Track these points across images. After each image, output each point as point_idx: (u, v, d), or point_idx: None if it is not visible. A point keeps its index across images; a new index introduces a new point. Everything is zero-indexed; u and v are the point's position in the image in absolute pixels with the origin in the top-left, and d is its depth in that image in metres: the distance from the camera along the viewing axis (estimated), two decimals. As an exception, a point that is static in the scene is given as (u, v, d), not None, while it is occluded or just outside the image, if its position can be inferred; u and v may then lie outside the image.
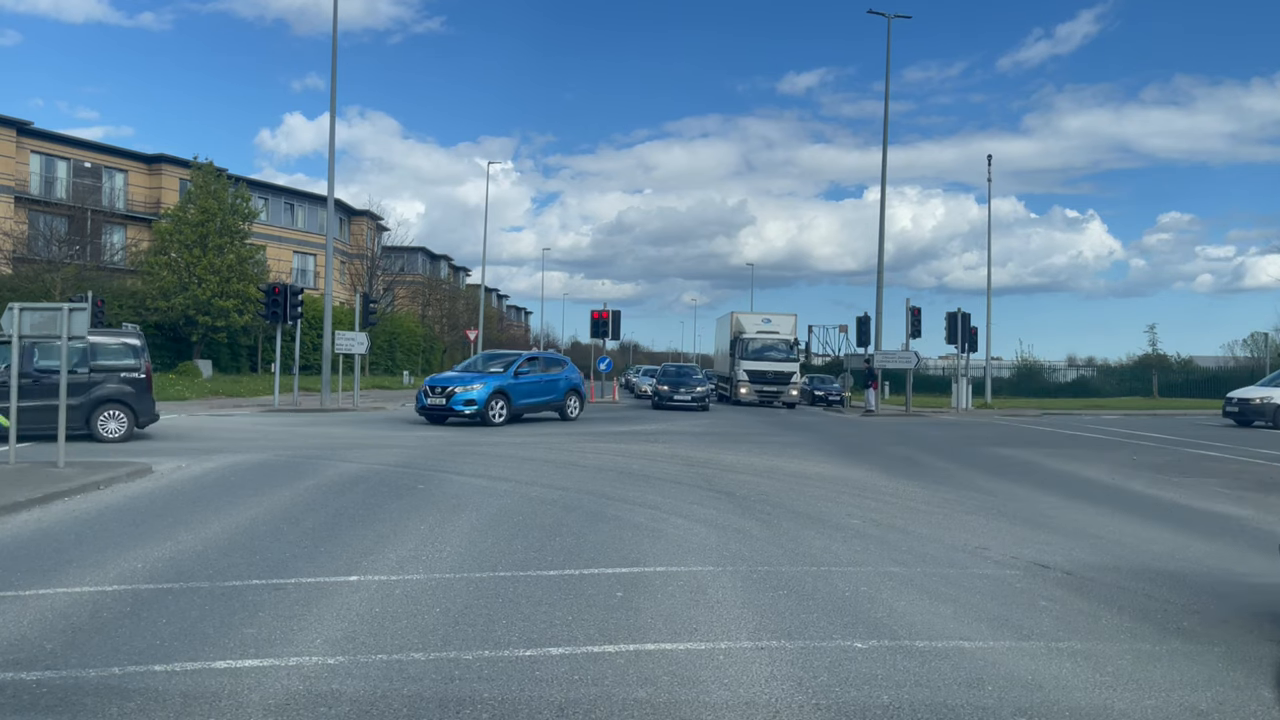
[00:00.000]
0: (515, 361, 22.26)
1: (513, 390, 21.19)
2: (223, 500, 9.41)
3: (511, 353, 24.02)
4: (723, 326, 42.44)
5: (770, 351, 36.42)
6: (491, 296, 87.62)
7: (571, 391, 23.41)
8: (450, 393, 20.57)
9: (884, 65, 36.08)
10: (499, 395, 20.72)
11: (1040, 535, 8.52)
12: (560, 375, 23.35)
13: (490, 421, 20.27)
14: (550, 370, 23.31)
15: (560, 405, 23.07)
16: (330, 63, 27.85)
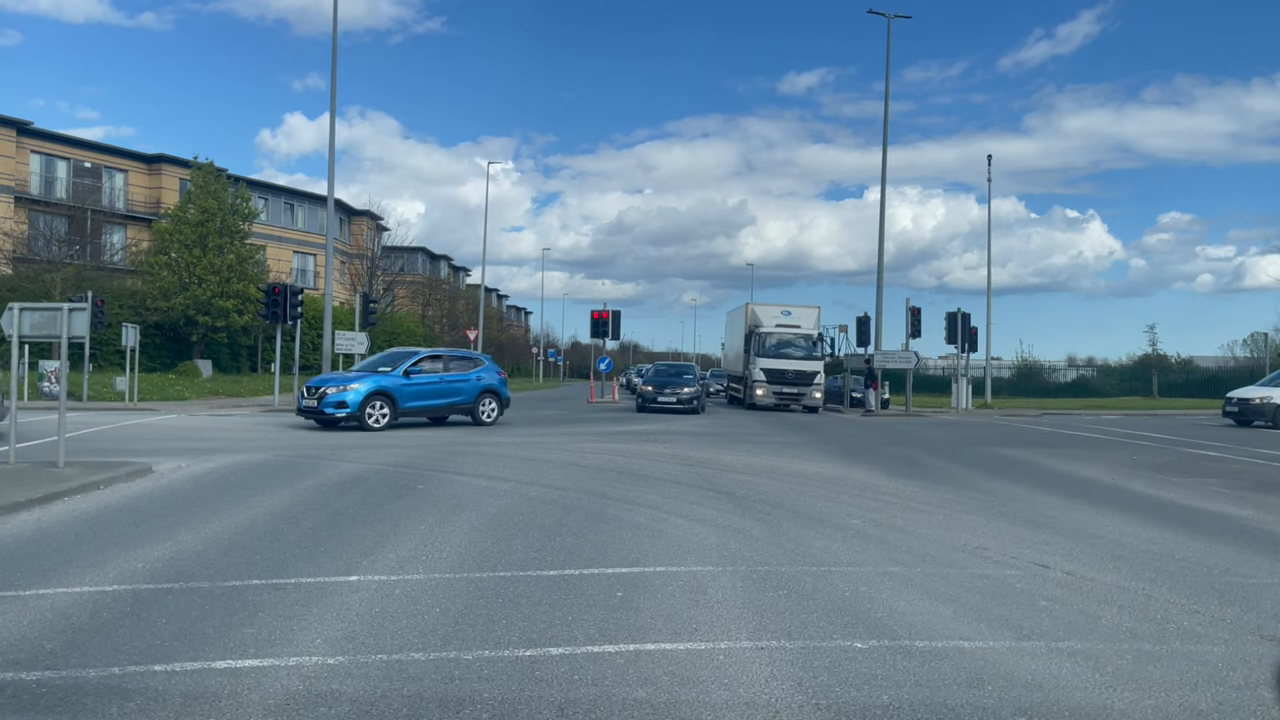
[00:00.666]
0: (408, 360, 20.22)
1: (400, 391, 19.30)
2: (223, 500, 9.41)
3: (410, 350, 21.85)
4: (735, 320, 37.91)
5: (790, 348, 32.10)
6: (491, 296, 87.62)
7: (486, 393, 21.17)
8: (322, 394, 18.83)
9: (884, 65, 36.08)
10: (379, 397, 18.89)
11: (1040, 535, 8.52)
12: (469, 375, 21.02)
13: (368, 426, 18.49)
14: (456, 369, 20.97)
15: (470, 408, 20.84)
16: (330, 62, 27.86)
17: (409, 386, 19.62)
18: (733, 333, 38.92)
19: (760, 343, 32.19)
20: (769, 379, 31.67)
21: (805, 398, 31.69)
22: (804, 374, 31.82)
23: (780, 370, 31.72)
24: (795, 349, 32.25)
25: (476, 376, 21.20)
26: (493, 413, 21.25)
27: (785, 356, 31.92)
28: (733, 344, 38.57)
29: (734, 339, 37.99)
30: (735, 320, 38.16)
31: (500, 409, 21.58)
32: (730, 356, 39.76)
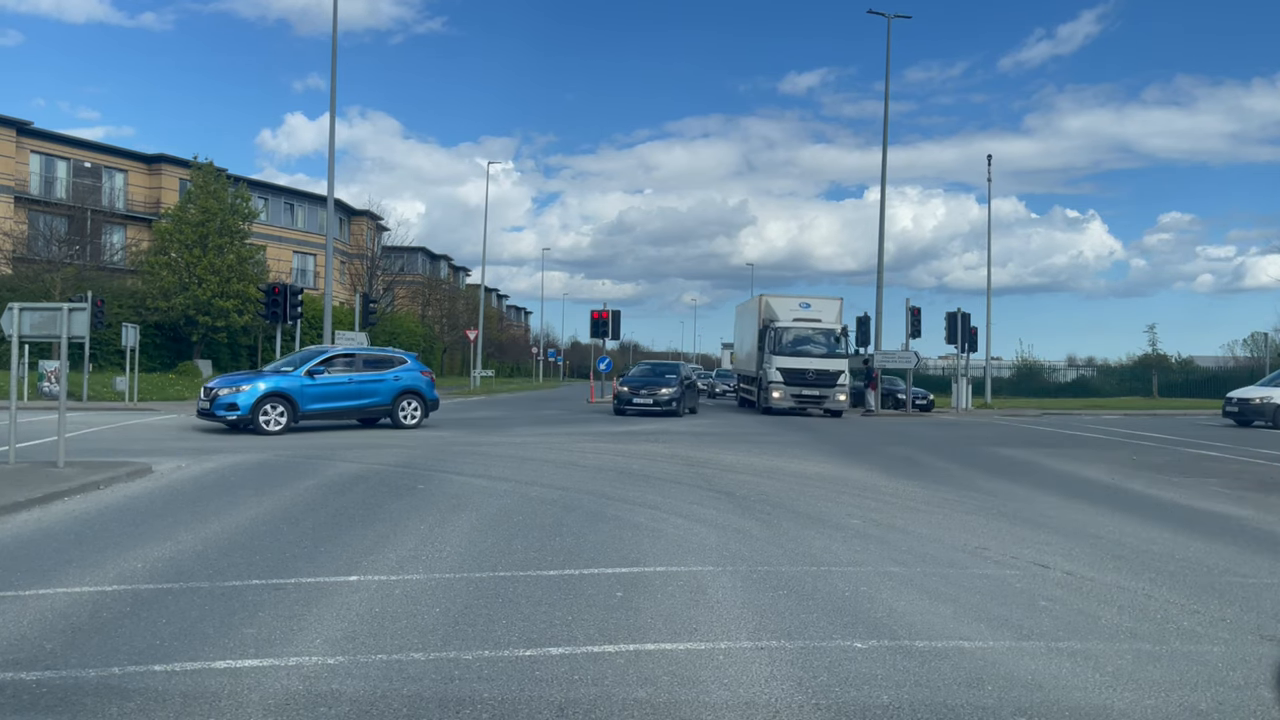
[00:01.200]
0: (314, 359, 18.94)
1: (300, 393, 17.99)
2: (223, 500, 9.41)
3: (320, 349, 20.68)
4: (746, 315, 34.20)
5: (810, 344, 28.55)
6: (491, 296, 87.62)
7: (406, 394, 19.65)
8: (214, 395, 17.76)
9: (885, 65, 36.06)
10: (275, 398, 17.62)
11: (1040, 535, 8.52)
12: (387, 376, 19.53)
13: (263, 429, 17.20)
14: (370, 370, 19.50)
15: (388, 410, 19.42)
16: (331, 62, 27.86)
17: (312, 387, 18.26)
18: (743, 329, 35.07)
19: (776, 339, 28.51)
20: (786, 380, 28.14)
21: (828, 400, 28.19)
22: (826, 374, 28.17)
23: (799, 370, 28.14)
24: (816, 346, 28.63)
25: (394, 377, 19.67)
26: (415, 415, 19.74)
27: (805, 354, 28.32)
28: (744, 341, 34.89)
29: (745, 336, 34.28)
30: (746, 315, 34.32)
31: (424, 411, 20.03)
32: (741, 355, 35.90)
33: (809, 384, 28.20)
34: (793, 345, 28.57)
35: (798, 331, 28.89)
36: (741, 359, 35.75)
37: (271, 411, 17.62)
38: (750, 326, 32.54)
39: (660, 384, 26.77)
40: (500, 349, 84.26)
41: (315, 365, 18.66)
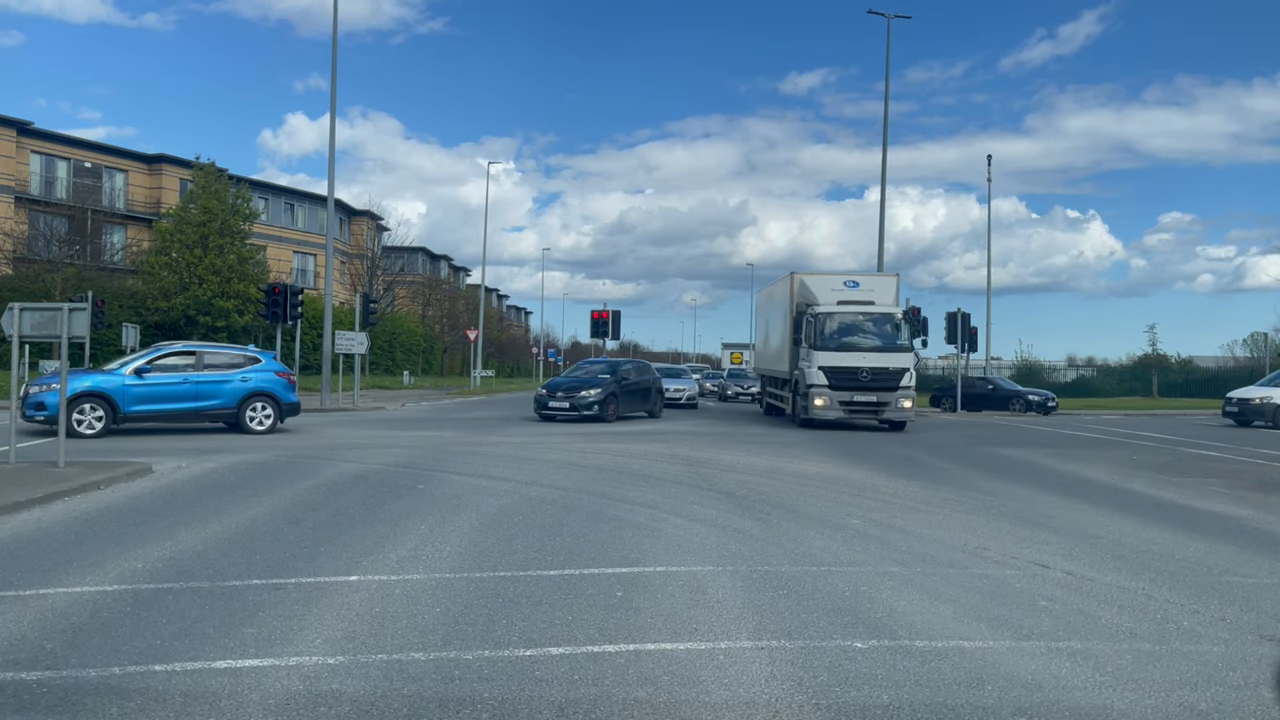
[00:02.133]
0: (146, 356, 17.32)
1: (122, 393, 16.37)
2: (223, 500, 9.41)
3: (158, 346, 18.67)
4: (774, 300, 27.89)
5: (862, 334, 22.05)
6: (491, 296, 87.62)
7: (256, 397, 17.78)
8: (26, 394, 16.35)
9: (885, 65, 36.03)
10: (92, 398, 16.07)
11: (1040, 535, 8.52)
12: (233, 376, 17.69)
13: (76, 433, 15.38)
14: (214, 369, 17.61)
15: (233, 414, 17.58)
16: (331, 61, 27.87)
17: (136, 387, 16.55)
18: (769, 319, 28.80)
19: (817, 329, 21.93)
20: (833, 381, 21.68)
21: (888, 408, 21.75)
22: (884, 373, 21.70)
23: (849, 369, 21.64)
24: (869, 336, 22.09)
25: (242, 378, 17.78)
26: (266, 420, 17.82)
27: (855, 347, 21.87)
28: (769, 335, 28.40)
29: (771, 327, 27.89)
30: (773, 301, 27.94)
31: (279, 415, 18.06)
32: (767, 352, 29.09)
33: (862, 386, 21.76)
34: (839, 336, 21.99)
35: (845, 318, 22.17)
36: (767, 356, 28.83)
37: (86, 413, 15.97)
38: (778, 315, 26.08)
39: (588, 385, 23.36)
40: (500, 349, 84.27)
41: (143, 363, 16.94)
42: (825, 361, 21.78)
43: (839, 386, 21.72)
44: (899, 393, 21.84)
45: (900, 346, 22.19)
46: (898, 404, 21.84)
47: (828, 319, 22.06)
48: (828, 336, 21.91)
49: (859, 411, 22.04)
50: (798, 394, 23.10)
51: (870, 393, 21.77)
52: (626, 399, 24.35)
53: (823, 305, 22.51)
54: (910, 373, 22.19)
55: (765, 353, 29.80)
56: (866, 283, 23.71)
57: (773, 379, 28.07)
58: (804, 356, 22.52)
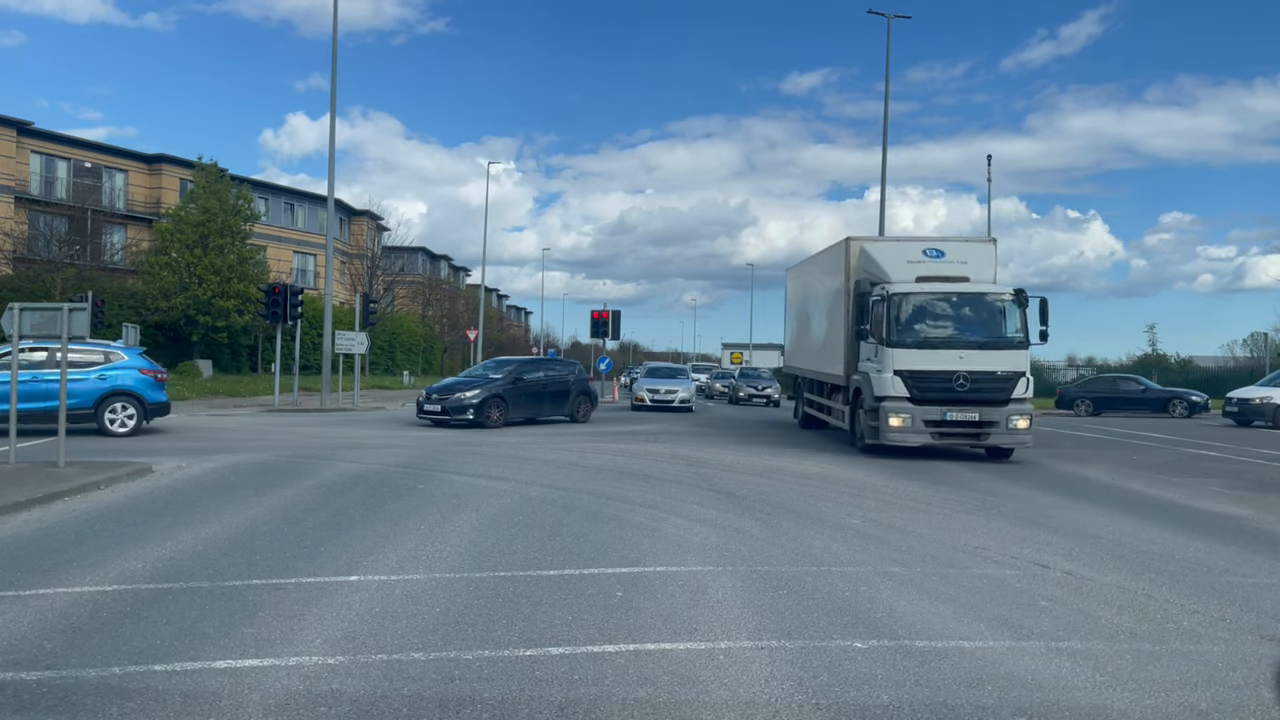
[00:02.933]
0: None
1: None
2: (223, 500, 9.40)
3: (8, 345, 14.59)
4: (817, 278, 20.65)
5: (957, 324, 15.63)
6: (492, 296, 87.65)
7: (116, 396, 16.27)
8: None
9: (885, 65, 35.98)
10: None
11: (1040, 535, 8.52)
12: (88, 374, 16.07)
13: None
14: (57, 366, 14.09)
15: (89, 414, 16.06)
16: (331, 61, 27.88)
17: None
18: (807, 301, 21.90)
19: (890, 316, 15.40)
20: (916, 392, 15.16)
21: (997, 430, 15.24)
22: (992, 379, 15.22)
23: (942, 375, 15.11)
24: (968, 326, 15.53)
25: (99, 375, 16.21)
26: (129, 421, 16.31)
27: (948, 344, 15.31)
28: (810, 323, 21.43)
29: (812, 313, 21.14)
30: (816, 278, 20.74)
31: (143, 416, 16.53)
32: (806, 345, 21.91)
33: (958, 399, 15.06)
34: (923, 327, 15.40)
35: (930, 301, 15.56)
36: (806, 352, 21.92)
37: None
38: (825, 297, 19.43)
39: (465, 386, 20.76)
40: (500, 349, 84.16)
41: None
42: (905, 363, 14.97)
43: (925, 399, 14.94)
44: (1011, 408, 15.04)
45: (1011, 341, 15.24)
46: (1009, 424, 15.02)
47: (905, 302, 15.24)
48: (906, 327, 15.21)
49: (954, 434, 15.27)
50: (859, 408, 16.27)
51: (970, 408, 14.97)
52: (524, 401, 21.12)
53: (897, 283, 15.58)
54: (1027, 379, 15.34)
55: (803, 348, 22.47)
56: (954, 251, 16.53)
57: (815, 383, 21.04)
58: (871, 355, 15.75)
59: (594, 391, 23.69)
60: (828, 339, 19.09)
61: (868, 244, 17.29)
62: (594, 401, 23.50)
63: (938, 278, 15.93)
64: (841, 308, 17.52)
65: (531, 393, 21.49)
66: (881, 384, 15.36)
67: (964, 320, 15.56)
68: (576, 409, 22.55)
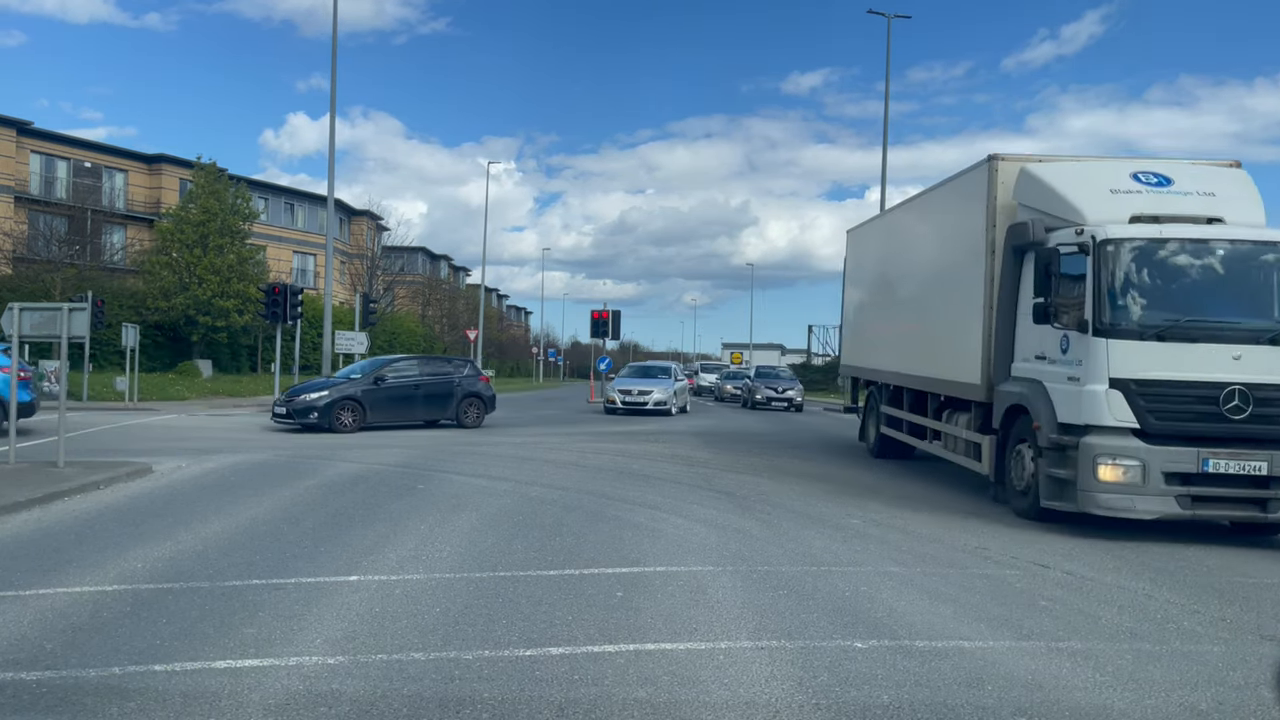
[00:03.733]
0: None
1: None
2: (223, 500, 9.40)
3: None
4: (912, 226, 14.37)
5: (1225, 297, 8.83)
6: (491, 296, 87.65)
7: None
8: None
9: (885, 65, 35.91)
10: None
11: (1040, 535, 8.51)
12: None
13: None
14: None
15: None
16: (331, 62, 27.88)
17: None
18: (891, 263, 15.38)
19: (1104, 279, 8.75)
20: (1152, 415, 8.50)
21: None
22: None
23: (1205, 388, 8.45)
24: (1240, 302, 8.91)
25: None
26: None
27: (1212, 333, 8.56)
28: (904, 296, 14.46)
29: (907, 279, 14.45)
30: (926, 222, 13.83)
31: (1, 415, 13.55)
32: (893, 334, 14.78)
33: (1234, 434, 8.50)
34: (1163, 298, 8.83)
35: (1177, 254, 8.95)
36: (891, 343, 14.73)
37: None
38: (932, 255, 13.32)
39: (317, 387, 19.07)
40: (500, 349, 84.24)
41: None
42: (1131, 366, 8.66)
43: (1167, 432, 8.59)
44: None
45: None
46: None
47: (1130, 255, 8.91)
48: (1133, 300, 8.85)
49: (1220, 500, 8.60)
50: (1019, 441, 9.93)
51: (1254, 450, 8.47)
52: (387, 403, 19.11)
53: (1108, 224, 9.18)
54: None
55: (881, 339, 15.27)
56: (1187, 178, 9.97)
57: (910, 394, 13.84)
58: (1054, 351, 9.42)
59: (487, 393, 21.07)
60: (945, 323, 12.10)
61: (1035, 166, 10.54)
62: (487, 404, 20.93)
63: (1172, 217, 9.27)
64: (979, 270, 10.84)
65: (398, 395, 19.33)
66: (1080, 402, 8.76)
67: (1234, 291, 8.96)
68: (462, 413, 20.19)
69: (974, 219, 11.16)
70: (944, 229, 12.70)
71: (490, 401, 21.24)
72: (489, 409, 21.11)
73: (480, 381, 21.12)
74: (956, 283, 11.75)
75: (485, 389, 21.10)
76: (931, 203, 13.48)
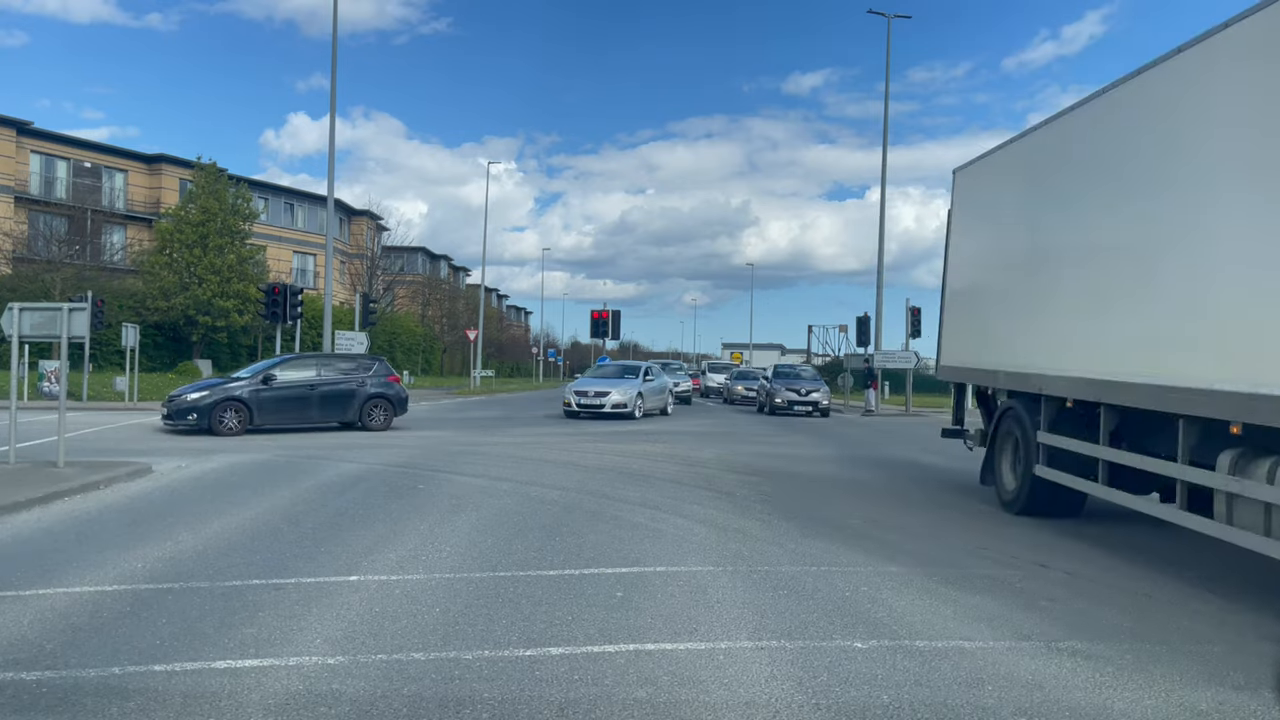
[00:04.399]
0: None
1: None
2: (223, 500, 9.40)
3: None
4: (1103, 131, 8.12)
5: None
6: (491, 296, 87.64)
7: None
8: None
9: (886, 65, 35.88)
10: None
11: (1040, 535, 8.51)
12: None
13: None
14: None
15: None
16: (331, 62, 27.89)
17: None
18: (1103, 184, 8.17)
19: None
20: None
21: None
22: None
23: None
24: None
25: None
26: None
27: None
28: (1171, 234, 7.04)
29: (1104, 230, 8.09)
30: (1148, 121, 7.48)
31: None
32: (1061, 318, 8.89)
33: None
34: None
35: None
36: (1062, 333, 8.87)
37: None
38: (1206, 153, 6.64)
39: (199, 389, 18.21)
40: (500, 349, 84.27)
41: None
42: None
43: None
44: None
45: None
46: None
47: None
48: None
49: None
50: None
51: None
52: (277, 405, 18.04)
53: None
54: None
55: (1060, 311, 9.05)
56: None
57: (1124, 412, 8.01)
58: None
59: (398, 394, 19.79)
60: (1242, 285, 6.24)
61: None
62: (397, 406, 19.63)
63: None
64: None
65: (290, 395, 18.20)
66: None
67: None
68: (366, 415, 18.98)
69: None
70: (1225, 112, 6.54)
71: (399, 403, 19.75)
72: (398, 411, 19.73)
73: (388, 381, 19.74)
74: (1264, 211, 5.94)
75: (394, 389, 19.78)
76: (1182, 75, 7.18)
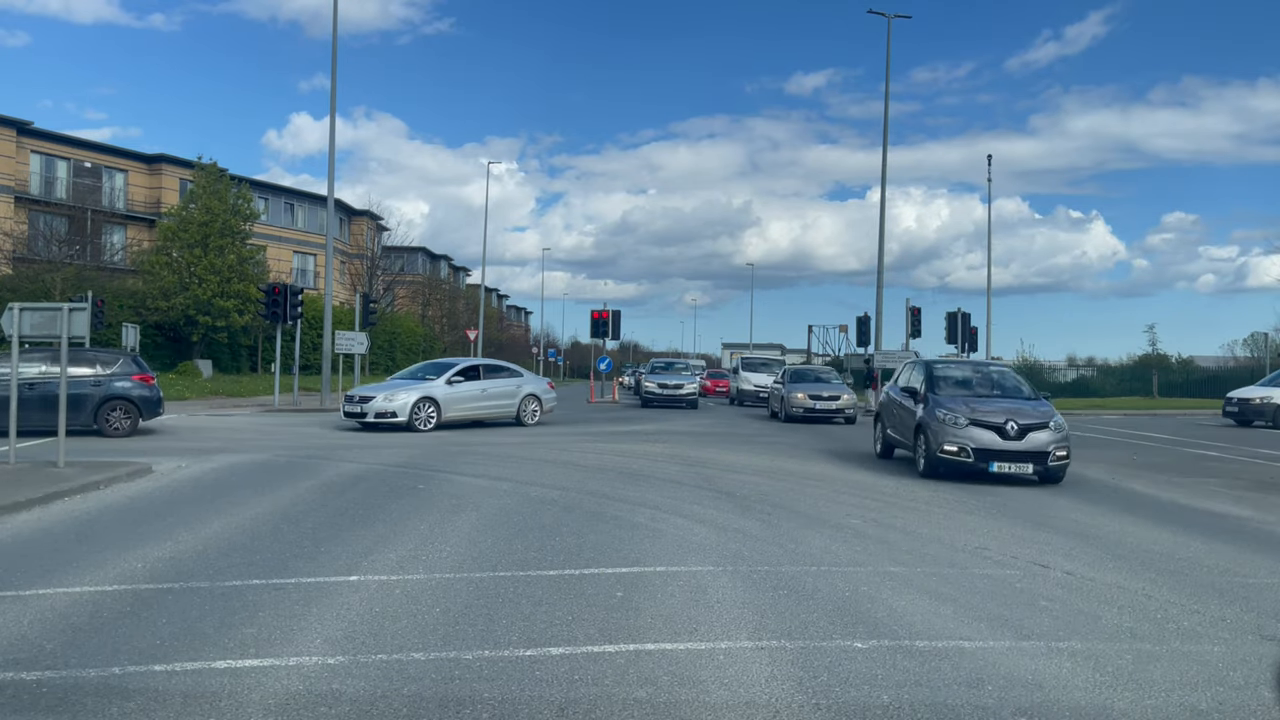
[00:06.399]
0: None
1: None
2: (223, 500, 9.41)
3: None
4: None
5: None
6: (492, 296, 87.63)
7: None
8: None
9: (886, 65, 35.85)
10: None
11: (1040, 535, 8.52)
12: None
13: None
14: None
15: None
16: (331, 62, 27.89)
17: None
18: None
19: None
20: None
21: None
22: None
23: None
24: None
25: None
26: None
27: None
28: None
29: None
30: None
31: None
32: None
33: None
34: None
35: None
36: None
37: None
38: None
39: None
40: (500, 349, 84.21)
41: None
42: None
43: None
44: None
45: None
46: None
47: None
48: None
49: None
50: None
51: None
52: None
53: None
54: None
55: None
56: None
57: None
58: None
59: (142, 394, 16.88)
60: None
61: None
62: (141, 408, 16.82)
63: None
64: None
65: (26, 400, 14.10)
66: None
67: None
68: (103, 419, 16.35)
69: None
70: None
71: (147, 405, 16.94)
72: (145, 414, 16.92)
73: (134, 381, 16.86)
74: None
75: (140, 389, 16.86)
76: None
